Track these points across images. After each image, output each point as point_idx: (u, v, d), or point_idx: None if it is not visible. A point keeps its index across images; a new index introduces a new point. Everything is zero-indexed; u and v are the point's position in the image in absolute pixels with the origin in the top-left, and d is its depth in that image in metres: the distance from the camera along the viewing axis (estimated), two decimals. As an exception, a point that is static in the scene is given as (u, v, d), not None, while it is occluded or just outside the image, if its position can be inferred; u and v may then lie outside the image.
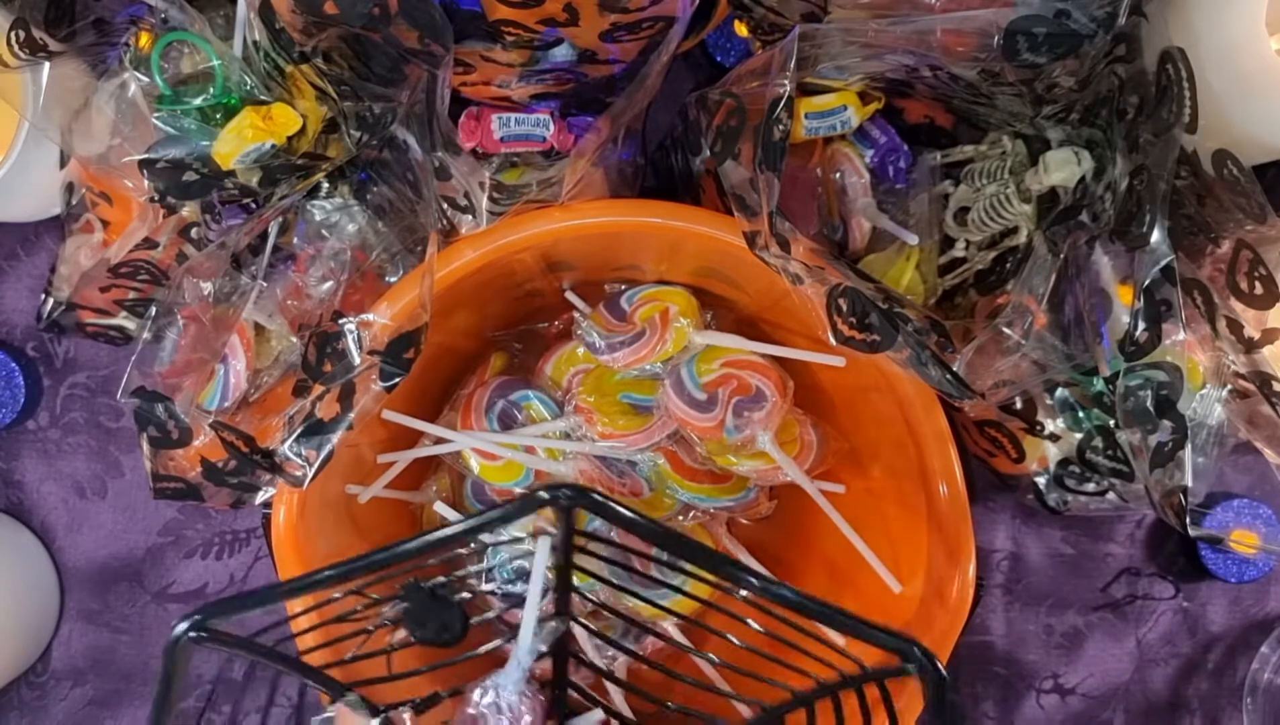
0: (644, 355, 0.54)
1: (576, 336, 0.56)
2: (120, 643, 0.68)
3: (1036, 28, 0.42)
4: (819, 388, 0.58)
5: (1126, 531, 0.66)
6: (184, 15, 0.46)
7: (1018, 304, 0.45)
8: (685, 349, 0.55)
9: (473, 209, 0.48)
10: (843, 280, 0.44)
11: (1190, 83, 0.42)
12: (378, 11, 0.42)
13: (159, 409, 0.49)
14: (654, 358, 0.54)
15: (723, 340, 0.54)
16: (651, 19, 0.45)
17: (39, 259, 0.66)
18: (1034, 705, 0.67)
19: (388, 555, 0.36)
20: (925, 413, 0.49)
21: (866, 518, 0.56)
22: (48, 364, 0.67)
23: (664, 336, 0.54)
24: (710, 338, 0.55)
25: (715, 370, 0.54)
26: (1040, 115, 0.48)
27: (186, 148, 0.47)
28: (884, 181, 0.55)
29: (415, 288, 0.48)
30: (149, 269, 0.56)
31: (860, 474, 0.58)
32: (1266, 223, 0.43)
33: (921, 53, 0.45)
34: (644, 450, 0.56)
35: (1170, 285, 0.43)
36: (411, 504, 0.61)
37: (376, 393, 0.47)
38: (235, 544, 0.67)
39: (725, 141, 0.46)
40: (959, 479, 0.49)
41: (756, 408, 0.53)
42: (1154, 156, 0.42)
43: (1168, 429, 0.44)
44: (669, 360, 0.55)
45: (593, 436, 0.55)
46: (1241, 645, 0.67)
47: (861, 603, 0.55)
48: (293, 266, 0.55)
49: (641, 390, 0.56)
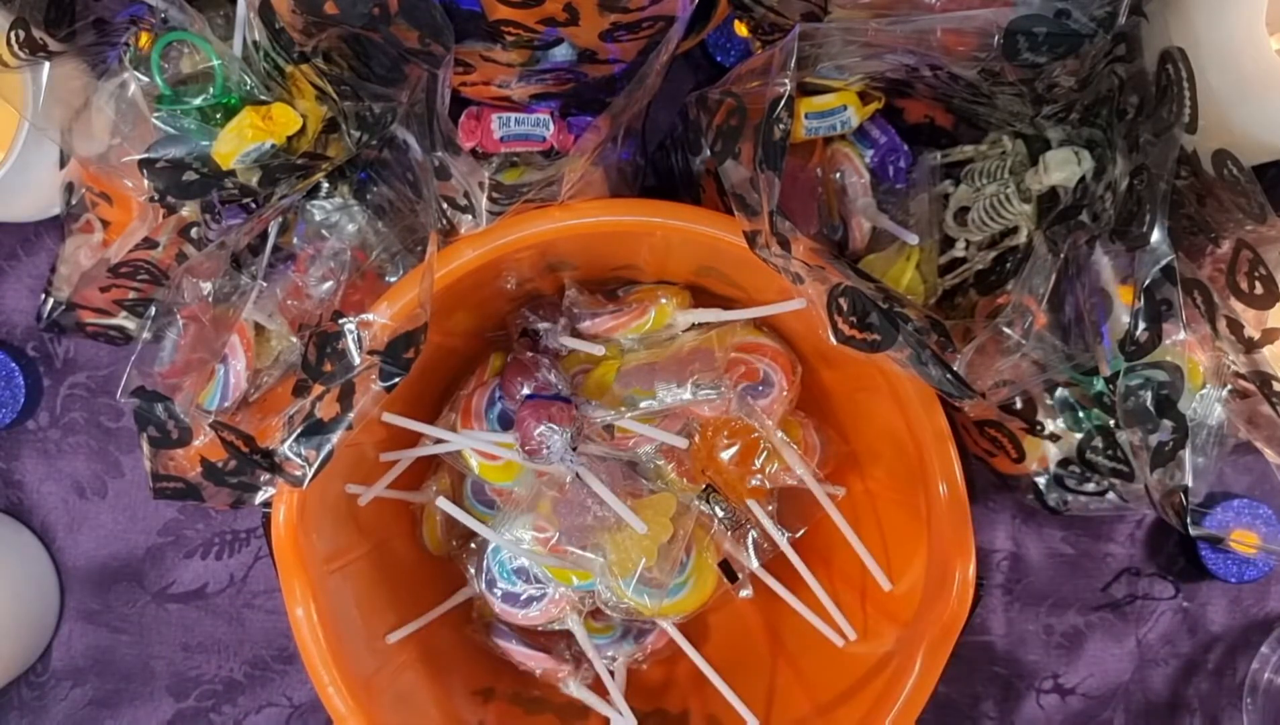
0: (619, 325, 0.55)
1: (563, 311, 0.57)
2: (120, 643, 0.68)
3: (1037, 27, 0.42)
4: (820, 389, 0.58)
5: (1126, 531, 0.66)
6: (184, 15, 0.46)
7: (1018, 304, 0.45)
8: (668, 326, 0.55)
9: (472, 209, 0.48)
10: (843, 280, 0.44)
11: (1190, 83, 0.42)
12: (378, 11, 0.42)
13: (159, 409, 0.49)
14: (627, 330, 0.54)
15: (703, 316, 0.55)
16: (651, 19, 0.45)
17: (39, 259, 0.66)
18: (1034, 705, 0.67)
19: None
20: (925, 412, 0.49)
21: (866, 517, 0.57)
22: (48, 364, 0.67)
23: (645, 311, 0.55)
24: (693, 316, 0.55)
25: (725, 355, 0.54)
26: (1040, 115, 0.48)
27: (186, 148, 0.47)
28: (884, 181, 0.55)
29: (415, 287, 0.48)
30: (149, 269, 0.56)
31: (860, 474, 0.58)
32: (1266, 223, 0.43)
33: (922, 52, 0.45)
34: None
35: (1170, 285, 0.43)
36: (412, 504, 0.61)
37: (376, 393, 0.47)
38: (235, 544, 0.67)
39: (725, 141, 0.46)
40: (959, 479, 0.49)
41: (762, 396, 0.53)
42: (1154, 156, 0.42)
43: (1168, 429, 0.44)
44: (646, 335, 0.55)
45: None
46: (1241, 645, 0.67)
47: (862, 601, 0.55)
48: (293, 266, 0.55)
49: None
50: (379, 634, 0.55)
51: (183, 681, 0.68)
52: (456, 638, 0.60)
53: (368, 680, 0.51)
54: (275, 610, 0.67)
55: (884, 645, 0.52)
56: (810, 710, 0.55)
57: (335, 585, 0.51)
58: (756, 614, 0.62)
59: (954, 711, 0.67)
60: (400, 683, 0.54)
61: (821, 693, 0.55)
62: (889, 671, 0.50)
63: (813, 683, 0.56)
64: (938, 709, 0.66)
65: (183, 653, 0.68)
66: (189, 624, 0.68)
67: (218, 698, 0.68)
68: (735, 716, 0.54)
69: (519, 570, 0.55)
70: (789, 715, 0.56)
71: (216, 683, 0.68)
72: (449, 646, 0.59)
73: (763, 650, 0.59)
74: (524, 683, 0.59)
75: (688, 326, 0.55)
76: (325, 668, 0.49)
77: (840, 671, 0.54)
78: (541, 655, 0.58)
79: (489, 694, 0.59)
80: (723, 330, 0.55)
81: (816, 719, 0.54)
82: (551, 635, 0.59)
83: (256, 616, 0.67)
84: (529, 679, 0.59)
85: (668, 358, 0.55)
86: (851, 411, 0.57)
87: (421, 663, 0.56)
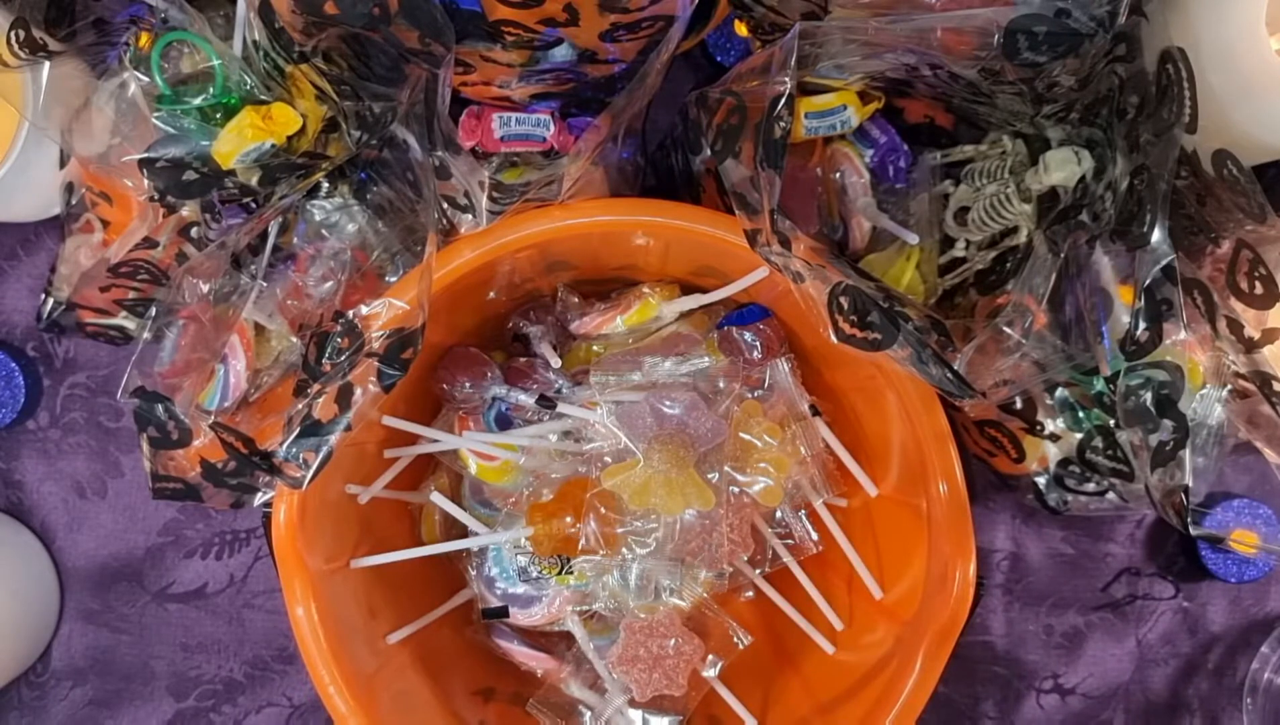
0: (605, 321, 0.55)
1: (557, 310, 0.57)
2: (120, 643, 0.68)
3: (1037, 26, 0.42)
4: (820, 389, 0.58)
5: (1126, 531, 0.66)
6: (184, 15, 0.46)
7: (1018, 304, 0.45)
8: (655, 319, 0.56)
9: (472, 208, 0.48)
10: (844, 278, 0.44)
11: (1190, 83, 0.42)
12: (378, 11, 0.42)
13: (159, 409, 0.49)
14: (613, 324, 0.55)
15: (688, 303, 0.56)
16: (651, 18, 0.45)
17: (39, 259, 0.66)
18: (1034, 705, 0.67)
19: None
20: (925, 412, 0.49)
21: (865, 518, 0.57)
22: (48, 364, 0.67)
23: (630, 305, 0.55)
24: (678, 305, 0.56)
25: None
26: (1040, 114, 0.48)
27: (186, 147, 0.47)
28: (884, 181, 0.55)
29: (414, 287, 0.48)
30: (149, 269, 0.56)
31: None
32: (1266, 223, 0.43)
33: (922, 51, 0.45)
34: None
35: (1171, 285, 0.43)
36: (411, 504, 0.61)
37: (375, 393, 0.47)
38: (235, 544, 0.67)
39: (726, 140, 0.46)
40: (959, 479, 0.49)
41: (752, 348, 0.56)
42: (1154, 156, 0.42)
43: (1168, 428, 0.44)
44: (634, 327, 0.56)
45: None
46: (1241, 645, 0.67)
47: (862, 601, 0.55)
48: (293, 266, 0.55)
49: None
50: (379, 634, 0.55)
51: (183, 681, 0.68)
52: (457, 638, 0.60)
53: (368, 680, 0.51)
54: (275, 610, 0.67)
55: (884, 645, 0.52)
56: (810, 710, 0.55)
57: (335, 585, 0.51)
58: (756, 614, 0.62)
59: (954, 711, 0.67)
60: (400, 683, 0.54)
61: (821, 693, 0.55)
62: (889, 672, 0.50)
63: (812, 683, 0.56)
64: (938, 709, 0.66)
65: (183, 653, 0.68)
66: (189, 624, 0.68)
67: (218, 698, 0.68)
68: (735, 716, 0.54)
69: (519, 570, 0.55)
70: (789, 715, 0.56)
71: (216, 683, 0.68)
72: (449, 646, 0.59)
73: (763, 650, 0.59)
74: (524, 683, 0.59)
75: (675, 317, 0.56)
76: (325, 667, 0.49)
77: (840, 672, 0.54)
78: (542, 655, 0.58)
79: (489, 694, 0.59)
80: (701, 314, 0.56)
81: (816, 719, 0.54)
82: (551, 635, 0.59)
83: (256, 616, 0.67)
84: (529, 679, 0.59)
85: (647, 343, 0.56)
86: (852, 411, 0.57)
87: (422, 663, 0.56)
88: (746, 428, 0.52)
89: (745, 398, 0.53)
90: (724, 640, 0.55)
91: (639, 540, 0.52)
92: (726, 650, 0.55)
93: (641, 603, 0.53)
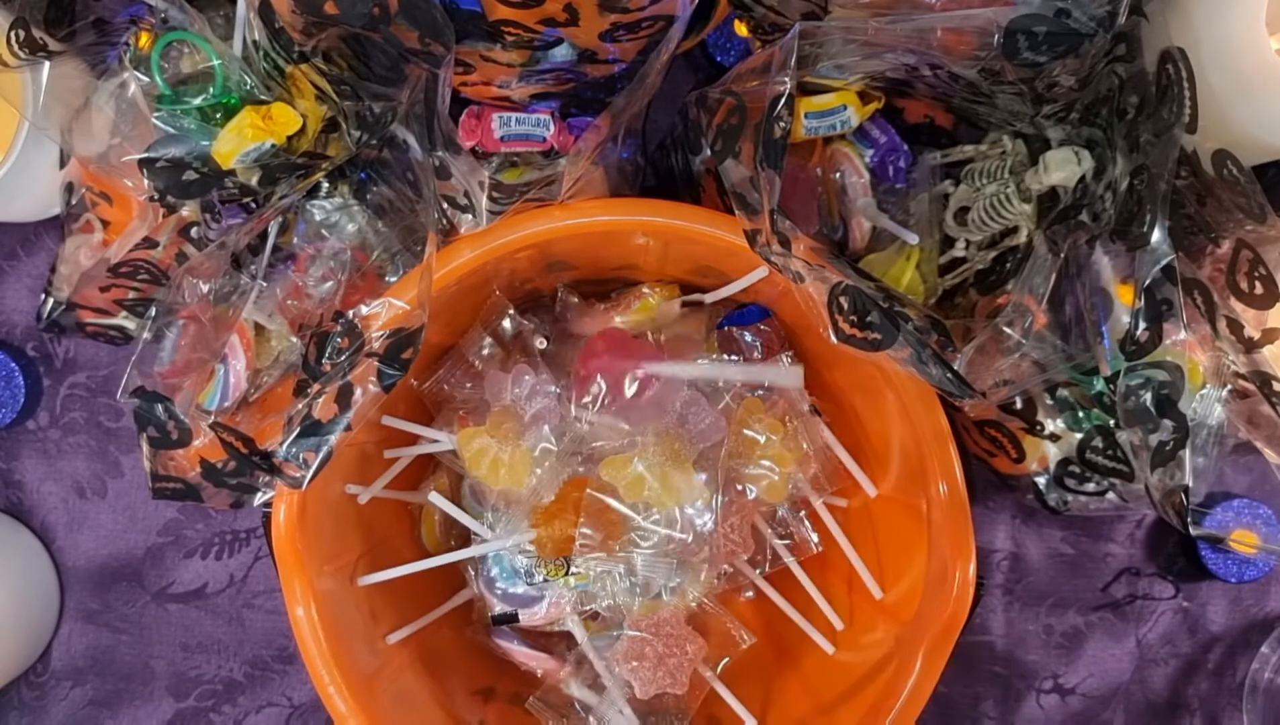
0: (606, 319, 0.56)
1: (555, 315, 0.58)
2: (120, 643, 0.68)
3: (1037, 26, 0.42)
4: (820, 389, 0.58)
5: (1126, 531, 0.66)
6: (184, 15, 0.46)
7: (1018, 304, 0.45)
8: (654, 318, 0.56)
9: (472, 208, 0.48)
10: (844, 278, 0.44)
11: (1190, 83, 0.42)
12: (378, 11, 0.42)
13: (159, 409, 0.49)
14: (612, 321, 0.55)
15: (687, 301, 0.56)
16: (651, 18, 0.45)
17: (39, 259, 0.66)
18: (1034, 705, 0.67)
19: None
20: (925, 412, 0.49)
21: (865, 518, 0.57)
22: (48, 364, 0.67)
23: (629, 305, 0.55)
24: (677, 304, 0.56)
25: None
26: (1040, 115, 0.48)
27: (186, 147, 0.47)
28: (884, 181, 0.55)
29: (413, 287, 0.48)
30: (149, 269, 0.56)
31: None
32: (1266, 223, 0.43)
33: (921, 51, 0.45)
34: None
35: (1171, 285, 0.43)
36: (411, 504, 0.61)
37: (374, 393, 0.47)
38: (235, 544, 0.67)
39: (726, 140, 0.46)
40: (959, 479, 0.49)
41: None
42: (1154, 156, 0.42)
43: (1168, 428, 0.44)
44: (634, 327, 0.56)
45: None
46: (1241, 645, 0.67)
47: (862, 601, 0.55)
48: (293, 266, 0.55)
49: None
50: (379, 634, 0.55)
51: (183, 681, 0.68)
52: (457, 638, 0.60)
53: (368, 680, 0.51)
54: (275, 610, 0.67)
55: (884, 645, 0.52)
56: (810, 710, 0.55)
57: (335, 585, 0.51)
58: (756, 614, 0.62)
59: (954, 711, 0.67)
60: (400, 683, 0.54)
61: (821, 693, 0.55)
62: (889, 671, 0.50)
63: (813, 683, 0.56)
64: (938, 709, 0.66)
65: (183, 653, 0.68)
66: (189, 624, 0.68)
67: (218, 698, 0.68)
68: (735, 716, 0.54)
69: (519, 570, 0.55)
70: (789, 715, 0.56)
71: (216, 683, 0.68)
72: (449, 647, 0.59)
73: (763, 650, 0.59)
74: (524, 683, 0.59)
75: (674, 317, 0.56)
76: (325, 668, 0.49)
77: (840, 671, 0.54)
78: (542, 655, 0.58)
79: (489, 694, 0.59)
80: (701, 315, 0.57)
81: (816, 719, 0.54)
82: (551, 635, 0.59)
83: (256, 616, 0.67)
84: (529, 679, 0.59)
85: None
86: (852, 412, 0.57)
87: (422, 663, 0.56)
88: (748, 424, 0.52)
89: (746, 396, 0.53)
90: (726, 639, 0.55)
91: (641, 536, 0.52)
92: (728, 649, 0.55)
93: (643, 602, 0.53)
